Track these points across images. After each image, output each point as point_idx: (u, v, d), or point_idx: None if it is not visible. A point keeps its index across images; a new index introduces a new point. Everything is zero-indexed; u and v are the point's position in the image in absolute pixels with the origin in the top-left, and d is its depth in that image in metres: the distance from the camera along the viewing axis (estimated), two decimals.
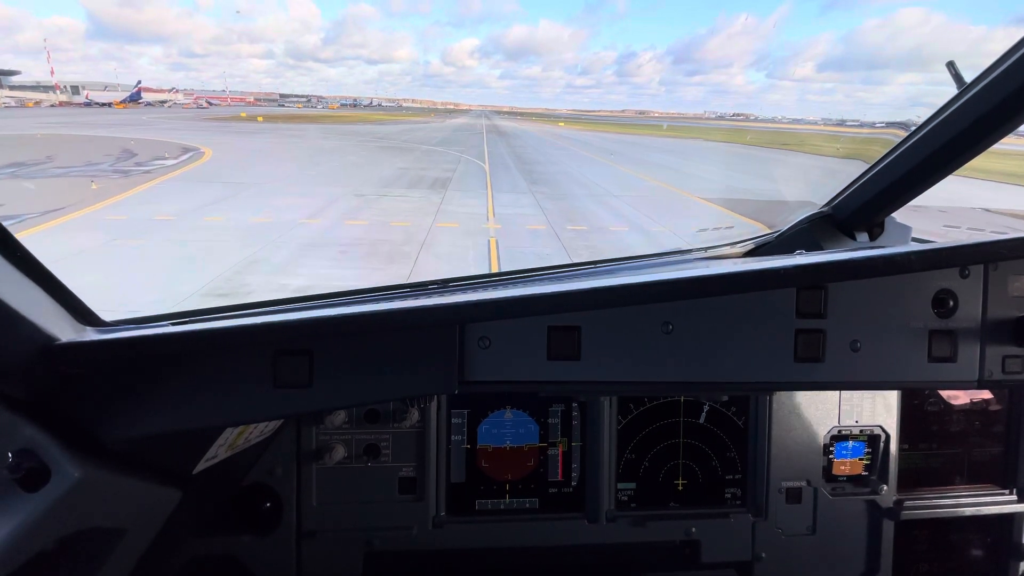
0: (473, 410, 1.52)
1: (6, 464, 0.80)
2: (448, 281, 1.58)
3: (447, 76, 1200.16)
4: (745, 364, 1.17)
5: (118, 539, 0.98)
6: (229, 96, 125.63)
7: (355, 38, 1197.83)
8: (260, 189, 15.27)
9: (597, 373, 1.16)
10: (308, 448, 1.44)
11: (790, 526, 1.58)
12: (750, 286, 1.12)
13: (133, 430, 0.95)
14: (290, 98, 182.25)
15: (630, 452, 1.57)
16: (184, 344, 0.94)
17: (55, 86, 72.32)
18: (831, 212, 1.70)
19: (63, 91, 71.59)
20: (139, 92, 79.10)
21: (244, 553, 1.42)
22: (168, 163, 19.06)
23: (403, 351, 1.07)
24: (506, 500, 1.54)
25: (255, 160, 22.34)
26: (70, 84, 75.27)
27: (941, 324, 1.21)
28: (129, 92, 77.65)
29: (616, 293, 1.04)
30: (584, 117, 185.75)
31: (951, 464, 1.66)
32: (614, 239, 11.75)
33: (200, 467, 1.15)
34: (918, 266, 1.07)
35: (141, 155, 20.82)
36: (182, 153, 21.95)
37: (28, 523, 0.79)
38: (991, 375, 1.24)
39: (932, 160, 1.32)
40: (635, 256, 1.80)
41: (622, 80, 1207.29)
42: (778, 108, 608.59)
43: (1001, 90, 1.11)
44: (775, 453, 1.56)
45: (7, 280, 0.80)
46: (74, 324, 0.92)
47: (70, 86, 74.34)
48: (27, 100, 66.34)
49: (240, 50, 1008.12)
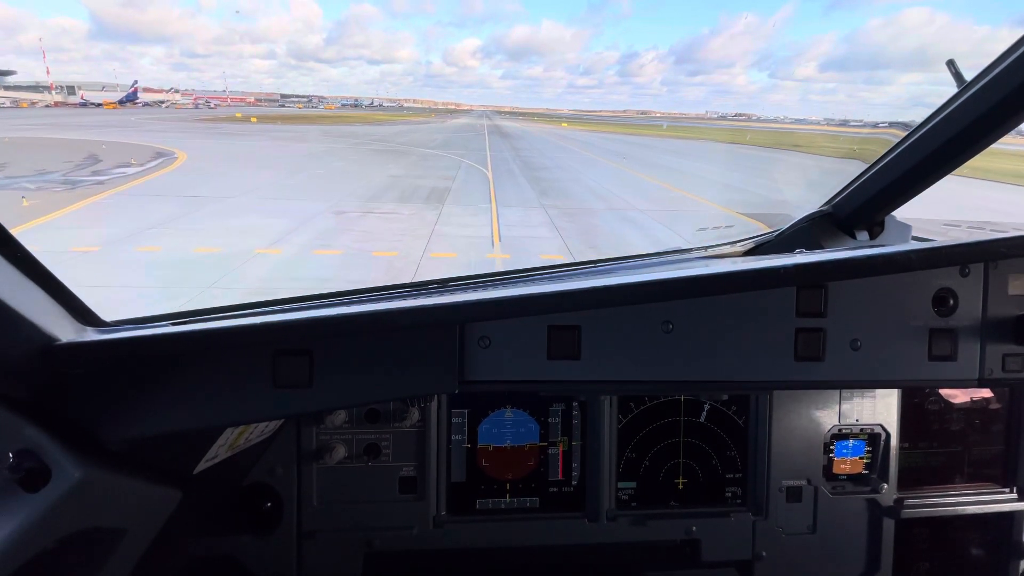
0: (473, 409, 1.52)
1: (6, 464, 0.80)
2: (448, 281, 1.58)
3: (449, 76, 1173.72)
4: (745, 363, 1.18)
5: (118, 539, 0.98)
6: (229, 96, 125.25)
7: (357, 38, 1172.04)
8: (224, 205, 12.97)
9: (597, 372, 1.16)
10: (308, 448, 1.44)
11: (790, 525, 1.58)
12: (750, 285, 1.12)
13: (133, 430, 0.95)
14: (291, 98, 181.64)
15: (630, 451, 1.57)
16: (184, 344, 0.95)
17: (50, 86, 71.88)
18: (831, 211, 1.70)
19: (59, 91, 71.10)
20: (135, 92, 78.49)
21: (244, 553, 1.42)
22: (130, 171, 17.02)
23: (403, 351, 1.07)
24: (506, 499, 1.54)
25: (232, 167, 19.96)
26: (66, 84, 74.67)
27: (941, 323, 1.21)
28: (126, 92, 77.18)
29: (616, 292, 1.04)
30: (586, 117, 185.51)
31: (951, 463, 1.66)
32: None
33: (200, 467, 1.15)
34: (918, 265, 1.07)
35: (105, 162, 18.59)
36: (152, 159, 19.95)
37: (28, 523, 0.79)
38: (991, 373, 1.24)
39: (932, 159, 1.32)
40: (635, 255, 1.81)
41: (624, 80, 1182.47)
42: (780, 108, 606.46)
43: (1001, 89, 1.11)
44: (775, 452, 1.56)
45: (7, 280, 0.80)
46: (74, 324, 0.93)
47: (66, 86, 73.74)
48: (21, 100, 65.72)
49: (242, 50, 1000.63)
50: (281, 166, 21.06)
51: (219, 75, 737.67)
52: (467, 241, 10.93)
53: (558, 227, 12.35)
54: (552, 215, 13.58)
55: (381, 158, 25.10)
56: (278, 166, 21.03)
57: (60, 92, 70.59)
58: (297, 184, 17.01)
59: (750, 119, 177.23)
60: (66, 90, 72.06)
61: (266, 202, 13.88)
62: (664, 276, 1.04)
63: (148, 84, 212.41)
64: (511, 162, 26.02)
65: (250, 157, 23.56)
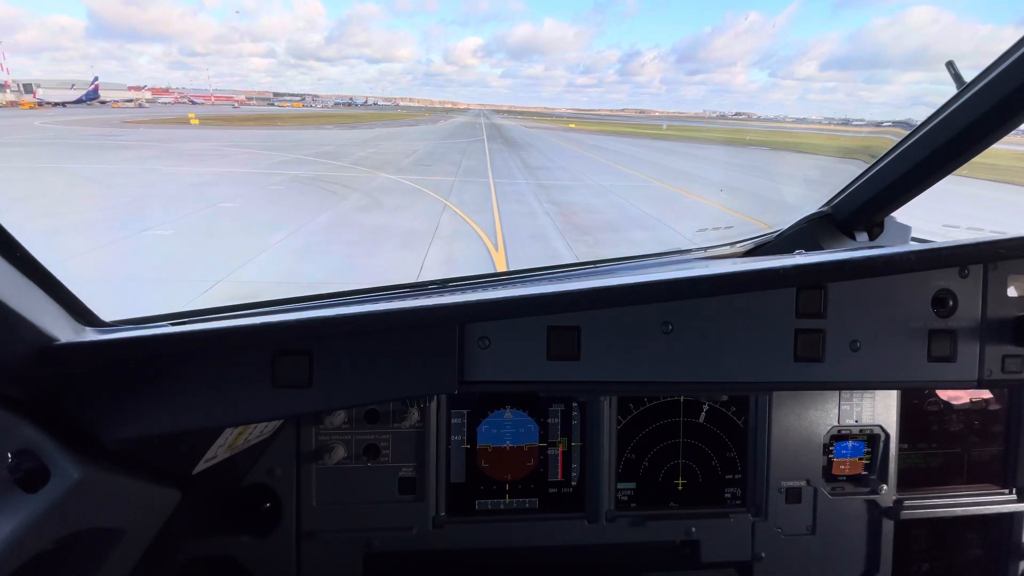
0: (473, 410, 1.52)
1: (6, 465, 0.80)
2: (448, 281, 1.58)
3: (448, 75, 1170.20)
4: (745, 364, 1.18)
5: (118, 540, 0.98)
6: (213, 95, 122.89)
7: (359, 37, 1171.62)
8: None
9: (597, 373, 1.16)
10: (308, 448, 1.44)
11: (790, 526, 1.58)
12: (750, 286, 1.12)
13: (133, 431, 0.95)
14: (284, 96, 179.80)
15: (630, 452, 1.57)
16: (183, 344, 0.94)
17: (5, 84, 69.62)
18: (831, 212, 1.70)
19: (14, 90, 68.99)
20: (96, 90, 74.37)
21: (244, 553, 1.42)
22: None
23: (403, 351, 1.07)
24: (506, 500, 1.55)
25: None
26: (23, 82, 72.45)
27: (941, 324, 1.21)
28: (85, 91, 73.15)
29: (616, 293, 1.04)
30: (585, 116, 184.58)
31: (951, 464, 1.66)
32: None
33: (200, 468, 1.15)
34: (918, 266, 1.07)
35: None
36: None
37: (28, 524, 0.79)
38: (991, 374, 1.24)
39: (931, 160, 1.32)
40: (635, 256, 1.80)
41: (624, 79, 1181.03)
42: (779, 107, 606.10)
43: (1000, 89, 1.11)
44: (775, 453, 1.56)
45: (7, 280, 0.80)
46: (73, 324, 0.92)
47: (23, 84, 71.65)
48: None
49: (242, 49, 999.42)
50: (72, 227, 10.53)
51: (215, 74, 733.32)
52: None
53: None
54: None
55: (273, 209, 12.69)
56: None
57: (16, 91, 68.29)
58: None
59: (749, 118, 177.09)
60: (23, 88, 69.92)
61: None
62: (664, 277, 1.04)
63: (142, 83, 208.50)
64: (531, 198, 15.16)
65: (64, 198, 13.04)
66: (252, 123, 50.86)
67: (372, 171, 19.60)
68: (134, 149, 24.25)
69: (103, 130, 34.16)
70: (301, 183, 16.46)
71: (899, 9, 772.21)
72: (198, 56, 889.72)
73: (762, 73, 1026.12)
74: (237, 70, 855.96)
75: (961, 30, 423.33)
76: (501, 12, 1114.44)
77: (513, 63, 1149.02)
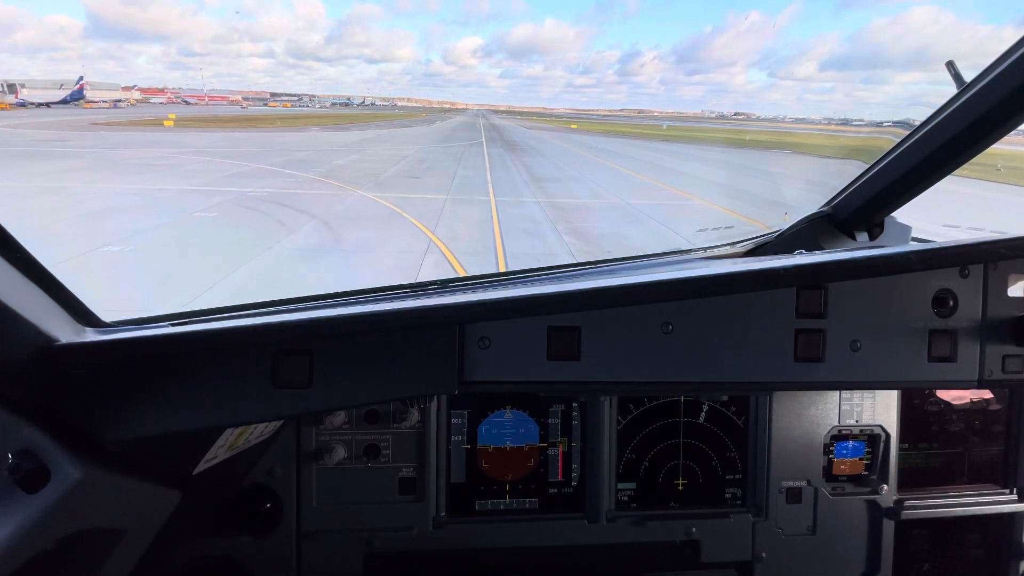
0: (473, 410, 1.52)
1: (6, 465, 0.80)
2: (448, 281, 1.58)
3: (447, 75, 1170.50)
4: (745, 364, 1.18)
5: (118, 540, 0.98)
6: (207, 95, 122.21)
7: (358, 37, 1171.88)
8: None
9: (597, 373, 1.16)
10: (308, 448, 1.44)
11: (790, 526, 1.58)
12: (750, 286, 1.12)
13: (133, 431, 0.95)
14: (281, 97, 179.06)
15: (630, 452, 1.57)
16: (184, 345, 0.94)
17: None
18: (831, 212, 1.70)
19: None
20: (81, 90, 72.87)
21: (244, 554, 1.42)
22: None
23: (403, 351, 1.07)
24: (506, 500, 1.54)
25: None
26: (6, 82, 70.18)
27: (941, 324, 1.21)
28: (70, 91, 71.36)
29: (616, 293, 1.04)
30: (585, 117, 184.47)
31: (951, 464, 1.66)
32: None
33: (200, 468, 1.15)
34: (918, 266, 1.07)
35: None
36: None
37: (28, 524, 0.79)
38: (991, 374, 1.24)
39: (932, 160, 1.32)
40: (635, 256, 1.80)
41: (623, 79, 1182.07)
42: (777, 107, 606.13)
43: (1000, 89, 1.12)
44: (775, 453, 1.56)
45: (7, 280, 0.80)
46: (74, 325, 0.92)
47: (6, 84, 69.43)
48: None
49: (241, 49, 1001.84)
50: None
51: (213, 74, 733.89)
52: None
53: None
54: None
55: (162, 264, 8.60)
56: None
57: (0, 91, 66.31)
58: None
59: (748, 118, 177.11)
60: (6, 88, 67.99)
61: None
62: (664, 277, 1.04)
63: (139, 83, 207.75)
64: (555, 242, 10.83)
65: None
66: (233, 125, 47.87)
67: (344, 186, 16.13)
68: (65, 159, 20.43)
69: (58, 134, 30.67)
70: (243, 207, 12.96)
71: (900, 9, 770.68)
72: (197, 56, 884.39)
73: (761, 73, 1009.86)
74: (235, 70, 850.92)
75: (961, 30, 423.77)
76: (502, 12, 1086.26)
77: (513, 63, 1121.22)
